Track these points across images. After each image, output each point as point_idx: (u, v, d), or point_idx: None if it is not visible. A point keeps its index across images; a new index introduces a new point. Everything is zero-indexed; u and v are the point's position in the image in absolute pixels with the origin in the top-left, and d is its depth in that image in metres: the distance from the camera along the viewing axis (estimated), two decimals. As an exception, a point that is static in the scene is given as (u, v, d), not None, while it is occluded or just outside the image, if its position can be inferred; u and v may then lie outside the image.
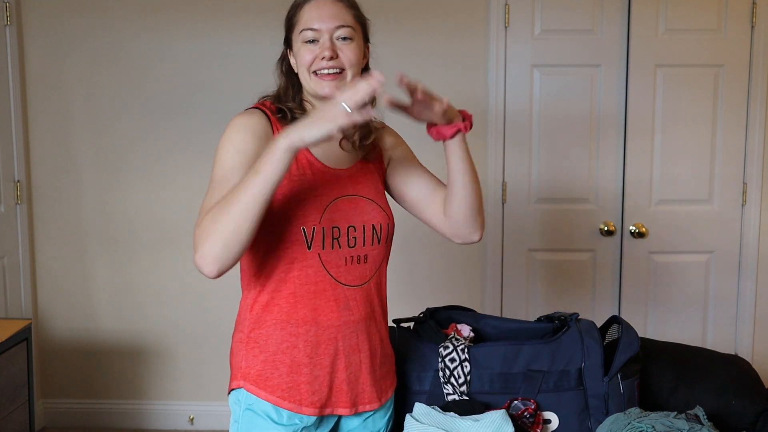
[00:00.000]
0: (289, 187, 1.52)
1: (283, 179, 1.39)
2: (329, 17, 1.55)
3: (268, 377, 1.55)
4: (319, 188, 1.56)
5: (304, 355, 1.55)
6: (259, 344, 1.56)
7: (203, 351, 3.46)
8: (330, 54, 1.53)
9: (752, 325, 3.38)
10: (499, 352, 1.73)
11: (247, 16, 3.28)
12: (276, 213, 1.51)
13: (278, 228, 1.52)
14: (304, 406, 1.55)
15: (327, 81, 1.54)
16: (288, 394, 1.54)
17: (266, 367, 1.55)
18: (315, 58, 1.54)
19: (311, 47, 1.55)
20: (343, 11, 1.57)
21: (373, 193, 1.64)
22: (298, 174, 1.54)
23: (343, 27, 1.55)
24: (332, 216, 1.55)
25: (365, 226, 1.59)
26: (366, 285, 1.60)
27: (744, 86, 3.26)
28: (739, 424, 1.80)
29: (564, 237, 3.38)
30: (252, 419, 1.56)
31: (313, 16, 1.55)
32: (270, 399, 1.54)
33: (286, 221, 1.51)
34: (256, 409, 1.55)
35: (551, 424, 1.70)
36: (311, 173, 1.56)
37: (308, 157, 1.57)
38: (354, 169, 1.64)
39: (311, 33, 1.55)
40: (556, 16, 3.27)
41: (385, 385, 1.67)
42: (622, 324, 1.81)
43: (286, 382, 1.55)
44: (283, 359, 1.55)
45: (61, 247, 3.44)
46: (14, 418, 2.60)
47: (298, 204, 1.52)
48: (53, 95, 3.36)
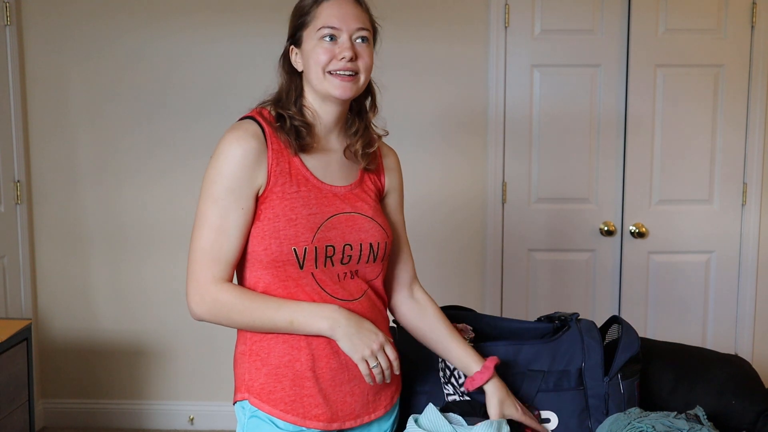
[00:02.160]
0: (281, 205, 1.49)
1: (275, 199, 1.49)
2: (352, 17, 1.52)
3: (271, 390, 1.53)
4: (313, 206, 1.52)
5: (306, 368, 1.52)
6: (261, 357, 1.54)
7: (203, 351, 3.46)
8: (350, 55, 1.51)
9: (752, 325, 3.38)
10: (499, 352, 1.73)
11: (248, 17, 3.28)
12: (268, 232, 1.49)
13: (270, 247, 1.49)
14: (308, 420, 1.53)
15: (344, 82, 1.51)
16: (291, 407, 1.52)
17: (269, 380, 1.53)
18: (332, 58, 1.51)
19: (329, 46, 1.51)
20: (362, 14, 1.55)
21: (372, 211, 1.60)
22: (291, 191, 1.51)
23: (363, 29, 1.53)
24: (326, 234, 1.51)
25: (362, 244, 1.55)
26: (362, 298, 1.57)
27: (744, 86, 3.26)
28: (739, 424, 1.79)
29: (564, 237, 3.38)
30: (258, 425, 1.54)
31: (334, 13, 1.51)
32: (273, 413, 1.52)
33: (278, 241, 1.48)
34: (261, 416, 1.54)
35: (551, 423, 1.70)
36: (306, 190, 1.52)
37: (304, 173, 1.53)
38: (352, 186, 1.60)
39: (331, 31, 1.51)
40: (556, 16, 3.27)
41: (390, 392, 1.65)
42: (622, 324, 1.81)
43: (289, 396, 1.52)
44: (285, 372, 1.53)
45: (61, 247, 3.44)
46: (14, 418, 2.60)
47: (289, 223, 1.48)
48: (53, 95, 3.36)
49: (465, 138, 3.35)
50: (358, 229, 1.56)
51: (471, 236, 3.41)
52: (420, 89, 3.31)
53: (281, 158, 1.51)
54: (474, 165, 3.36)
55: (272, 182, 1.50)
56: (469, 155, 3.36)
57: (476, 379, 1.63)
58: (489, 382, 1.63)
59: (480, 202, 3.38)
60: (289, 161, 1.52)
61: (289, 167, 1.52)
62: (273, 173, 1.50)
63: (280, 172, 1.50)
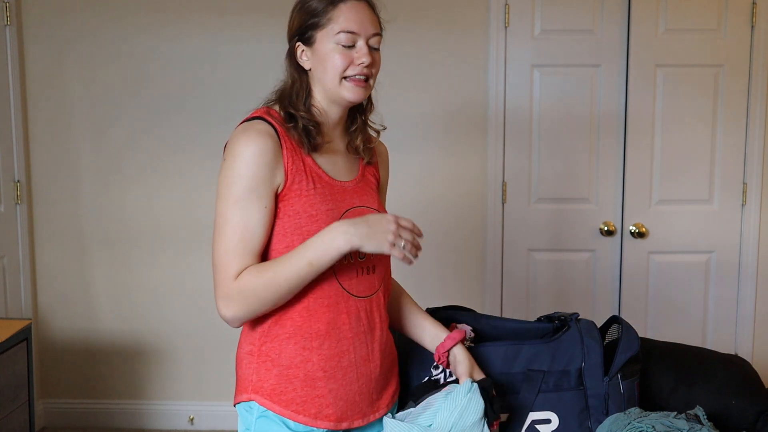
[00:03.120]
0: (300, 202, 1.50)
1: (294, 197, 1.48)
2: (368, 23, 1.53)
3: (282, 391, 1.53)
4: (329, 201, 1.54)
5: (318, 368, 1.53)
6: (272, 358, 1.54)
7: (203, 351, 3.46)
8: (369, 61, 1.51)
9: (752, 325, 3.38)
10: (499, 352, 1.73)
11: (251, 15, 3.28)
12: (289, 228, 1.50)
13: (294, 243, 1.49)
14: (319, 420, 1.53)
15: (358, 87, 1.53)
16: (303, 408, 1.52)
17: (280, 381, 1.53)
18: (350, 64, 1.51)
19: (346, 51, 1.51)
20: (375, 18, 1.56)
21: (376, 204, 1.64)
22: (309, 188, 1.52)
23: (377, 34, 1.54)
24: None
25: None
26: (375, 295, 1.60)
27: (744, 86, 3.26)
28: (739, 424, 1.79)
29: (564, 237, 3.38)
30: (268, 425, 1.54)
31: (352, 18, 1.51)
32: (284, 413, 1.52)
33: (301, 238, 1.49)
34: (271, 416, 1.54)
35: (551, 424, 1.70)
36: (321, 187, 1.54)
37: (317, 171, 1.55)
38: (357, 180, 1.63)
39: (350, 37, 1.51)
40: (556, 16, 3.27)
41: (392, 390, 1.67)
42: (622, 324, 1.81)
43: (300, 396, 1.53)
44: (297, 373, 1.53)
45: (61, 247, 3.44)
46: (14, 418, 2.60)
47: (310, 218, 1.50)
48: (53, 95, 3.36)
49: (465, 138, 3.35)
50: None
51: (471, 236, 3.41)
52: (420, 89, 3.32)
53: (296, 157, 1.52)
54: (474, 165, 3.36)
55: (290, 180, 1.50)
56: (469, 155, 3.36)
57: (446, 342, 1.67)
58: (457, 346, 1.67)
59: (480, 202, 3.38)
60: (302, 160, 1.53)
61: (303, 165, 1.53)
62: (290, 171, 1.50)
63: (297, 171, 1.51)
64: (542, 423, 1.70)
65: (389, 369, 1.66)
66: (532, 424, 1.70)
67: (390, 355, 1.67)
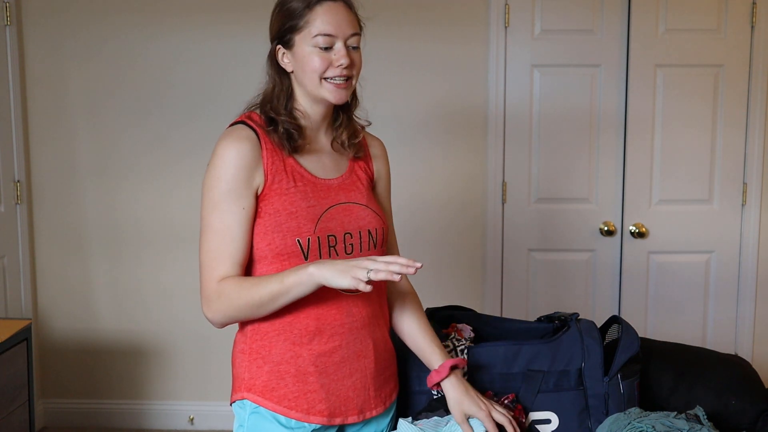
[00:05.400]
0: (280, 201, 1.51)
1: (274, 196, 1.49)
2: (346, 24, 1.53)
3: (274, 388, 1.54)
4: (311, 199, 1.54)
5: (309, 363, 1.54)
6: (262, 355, 1.55)
7: (203, 351, 3.46)
8: (347, 62, 1.52)
9: (752, 325, 3.38)
10: (499, 352, 1.73)
11: (244, 17, 3.27)
12: (270, 227, 1.51)
13: (274, 241, 1.51)
14: (311, 415, 1.54)
15: (339, 89, 1.53)
16: (295, 403, 1.53)
17: (272, 377, 1.54)
18: (329, 66, 1.52)
19: (324, 54, 1.51)
20: (353, 18, 1.56)
21: (365, 199, 1.63)
22: (289, 187, 1.53)
23: (355, 35, 1.54)
24: (327, 225, 1.54)
25: (361, 231, 1.58)
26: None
27: (744, 86, 3.26)
28: (739, 424, 1.79)
29: (564, 237, 3.38)
30: (259, 422, 1.55)
31: (328, 20, 1.51)
32: (277, 409, 1.53)
33: (281, 235, 1.50)
34: (263, 413, 1.55)
35: (551, 424, 1.70)
36: (303, 185, 1.55)
37: (298, 170, 1.56)
38: (344, 177, 1.63)
39: (328, 39, 1.51)
40: (556, 16, 3.27)
41: (389, 388, 1.67)
42: (622, 324, 1.81)
43: (292, 392, 1.53)
44: (288, 369, 1.54)
45: (61, 247, 3.44)
46: (14, 418, 2.60)
47: (290, 216, 1.51)
48: (53, 95, 3.36)
49: (465, 138, 3.35)
50: (356, 217, 1.59)
51: (471, 236, 3.41)
52: (420, 89, 3.31)
53: (276, 157, 1.54)
54: (474, 165, 3.36)
55: (270, 180, 1.52)
56: (469, 155, 3.36)
57: (432, 377, 1.63)
58: (446, 381, 1.61)
59: (480, 202, 3.38)
60: (283, 160, 1.55)
61: (284, 165, 1.54)
62: (270, 172, 1.52)
63: (277, 171, 1.53)
64: (542, 423, 1.70)
65: (386, 366, 1.66)
66: (532, 424, 1.70)
67: (387, 351, 1.66)
